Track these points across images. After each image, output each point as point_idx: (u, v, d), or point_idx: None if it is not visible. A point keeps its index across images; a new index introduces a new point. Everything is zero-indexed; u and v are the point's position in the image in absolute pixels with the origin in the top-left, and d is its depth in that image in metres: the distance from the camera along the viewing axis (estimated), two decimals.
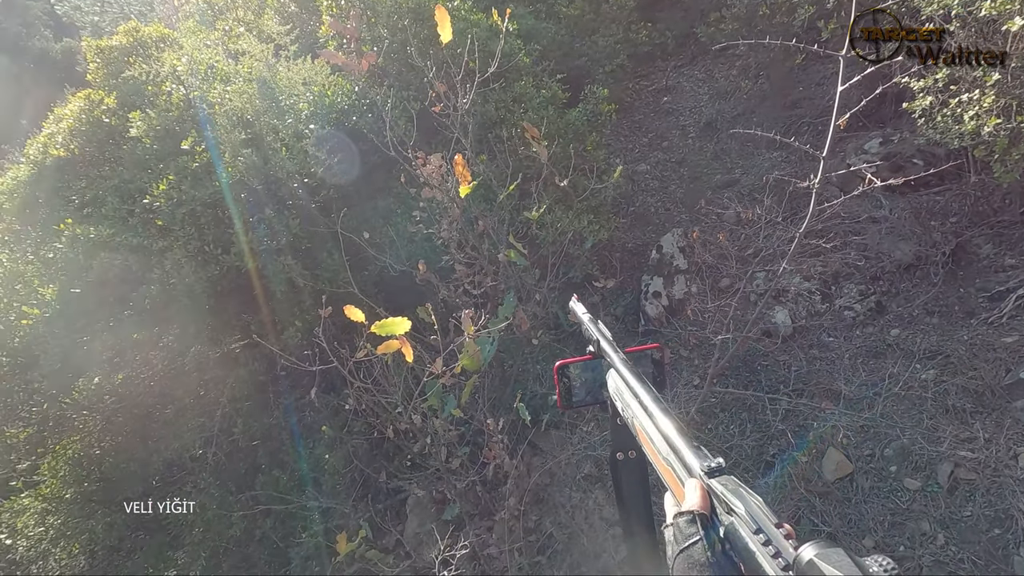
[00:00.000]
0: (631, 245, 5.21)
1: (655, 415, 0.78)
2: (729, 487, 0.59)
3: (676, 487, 0.69)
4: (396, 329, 1.86)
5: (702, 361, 4.02)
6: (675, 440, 0.71)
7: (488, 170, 3.32)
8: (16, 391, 4.06)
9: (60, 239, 3.46)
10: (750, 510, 0.54)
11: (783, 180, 2.93)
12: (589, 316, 1.18)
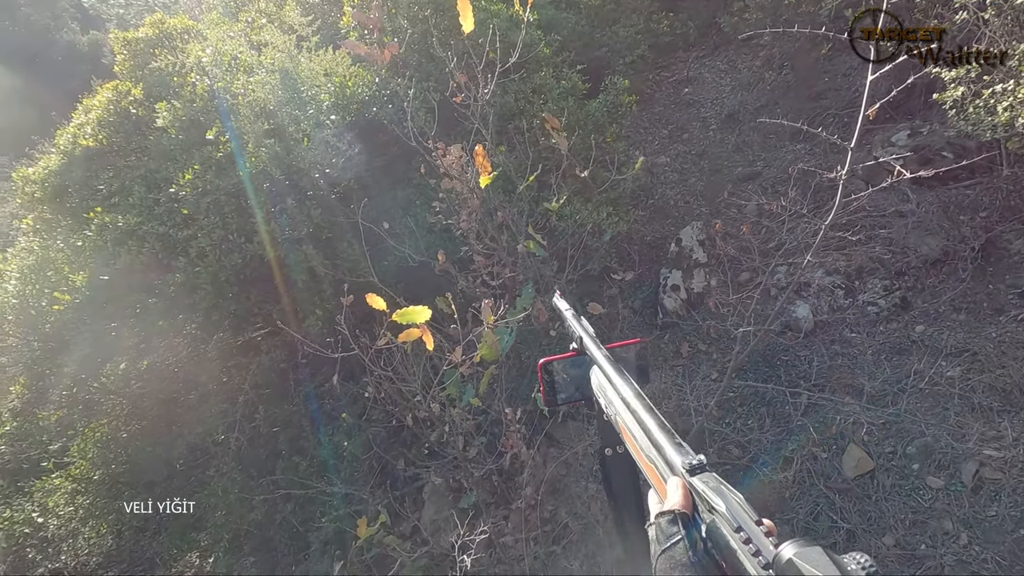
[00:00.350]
0: (649, 238, 5.18)
1: (638, 412, 0.78)
2: (710, 485, 0.58)
3: (659, 485, 0.68)
4: (416, 318, 1.88)
5: (720, 355, 3.99)
6: (657, 437, 0.70)
7: (507, 161, 3.31)
8: (47, 375, 4.19)
9: (89, 227, 3.55)
10: (731, 508, 0.54)
11: (808, 172, 2.88)
12: (572, 312, 1.16)
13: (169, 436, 4.11)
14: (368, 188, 3.85)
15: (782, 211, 2.33)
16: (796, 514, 3.05)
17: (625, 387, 0.84)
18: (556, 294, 1.25)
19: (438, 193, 3.45)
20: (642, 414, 0.76)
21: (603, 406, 0.91)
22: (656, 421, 0.73)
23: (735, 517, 0.53)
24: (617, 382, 0.86)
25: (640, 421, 0.76)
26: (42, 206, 4.33)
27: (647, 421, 0.75)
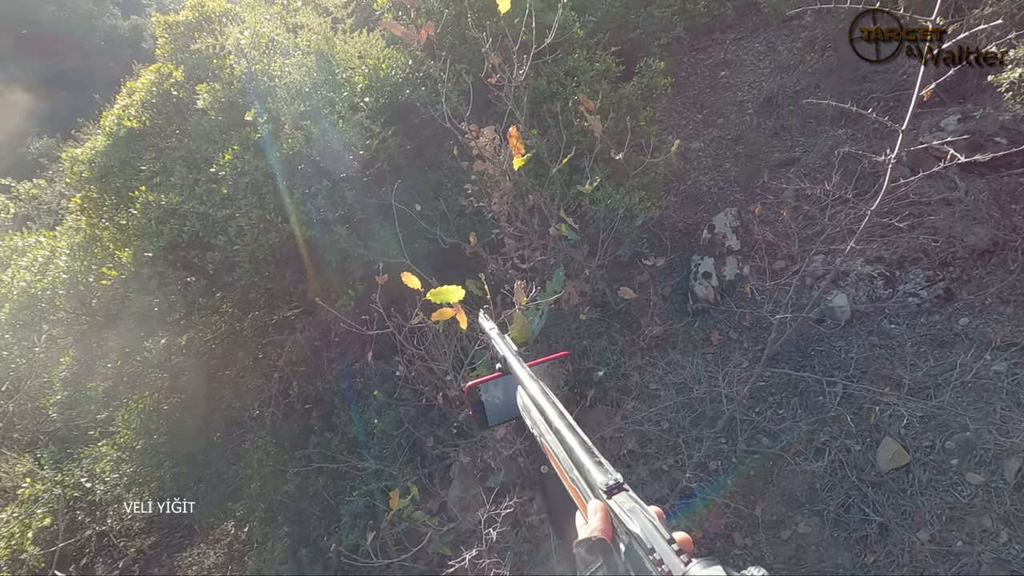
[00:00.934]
0: (681, 224, 5.10)
1: (560, 431, 0.76)
2: (626, 506, 0.58)
3: (582, 506, 0.68)
4: (450, 297, 1.89)
5: (751, 344, 3.93)
6: (579, 456, 0.69)
7: (540, 144, 3.30)
8: (94, 348, 4.38)
9: (134, 206, 3.67)
10: (644, 529, 0.54)
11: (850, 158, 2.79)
12: (496, 331, 1.14)
13: (207, 409, 4.26)
14: (400, 170, 3.88)
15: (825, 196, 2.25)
16: (826, 505, 3.01)
17: (548, 406, 0.82)
18: (481, 314, 1.24)
19: (470, 176, 3.46)
20: (564, 433, 0.75)
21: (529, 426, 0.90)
22: (578, 440, 0.73)
23: (648, 538, 0.53)
24: (540, 401, 0.85)
25: (562, 440, 0.75)
26: (89, 186, 4.48)
27: (569, 440, 0.73)
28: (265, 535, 3.93)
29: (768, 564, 2.94)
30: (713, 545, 3.02)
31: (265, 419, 4.07)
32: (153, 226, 3.49)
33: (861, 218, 2.07)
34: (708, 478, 3.18)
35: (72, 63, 18.29)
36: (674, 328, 4.16)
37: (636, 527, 0.55)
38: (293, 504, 3.93)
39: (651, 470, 3.16)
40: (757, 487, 3.22)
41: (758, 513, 3.11)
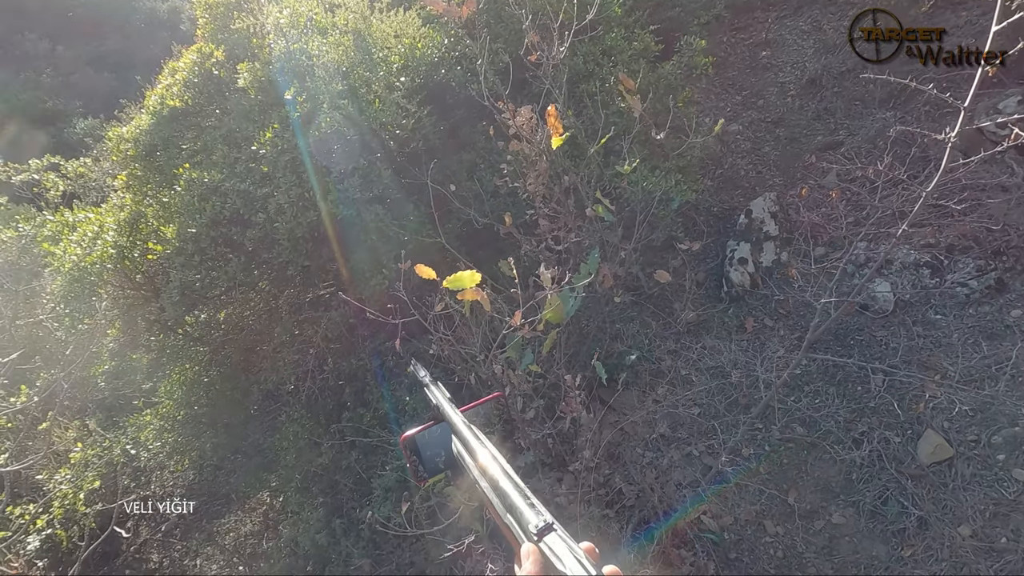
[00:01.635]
0: (717, 209, 5.00)
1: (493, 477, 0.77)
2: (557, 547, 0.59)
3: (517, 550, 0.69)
4: (466, 283, 1.90)
5: (787, 332, 3.85)
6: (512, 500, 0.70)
7: (576, 124, 3.25)
8: (139, 321, 4.54)
9: (178, 183, 3.77)
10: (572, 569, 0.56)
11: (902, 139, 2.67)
12: (429, 378, 1.15)
13: (246, 383, 4.39)
14: (435, 151, 3.88)
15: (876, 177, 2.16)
16: (863, 496, 2.96)
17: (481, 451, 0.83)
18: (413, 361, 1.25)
19: (504, 156, 3.45)
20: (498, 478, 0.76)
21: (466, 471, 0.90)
22: (511, 483, 0.73)
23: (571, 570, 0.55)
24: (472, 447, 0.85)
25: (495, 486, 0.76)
26: (134, 164, 4.61)
27: (502, 485, 0.74)
28: (300, 505, 4.05)
29: (800, 553, 2.92)
30: (744, 532, 3.00)
31: (301, 393, 4.17)
32: (196, 203, 3.58)
33: (913, 201, 1.99)
34: (740, 465, 3.15)
35: (113, 45, 18.74)
36: (707, 314, 4.10)
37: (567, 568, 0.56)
38: (327, 476, 4.04)
39: (683, 454, 3.15)
40: (790, 476, 3.18)
41: (791, 502, 3.08)
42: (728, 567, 2.91)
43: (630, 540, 2.87)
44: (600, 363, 2.67)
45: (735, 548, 2.96)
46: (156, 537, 5.42)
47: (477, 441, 0.87)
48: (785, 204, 4.59)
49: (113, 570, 5.02)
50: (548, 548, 0.60)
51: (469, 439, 0.88)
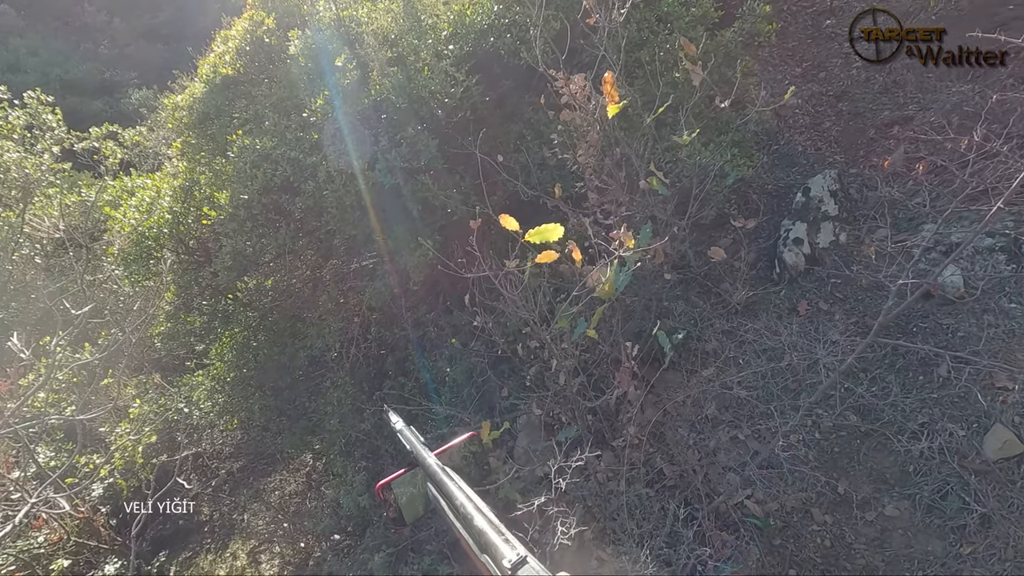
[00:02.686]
0: (772, 187, 4.78)
1: (467, 516, 0.79)
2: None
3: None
4: (550, 236, 1.86)
5: (844, 316, 3.68)
6: (487, 538, 0.73)
7: (630, 93, 3.13)
8: (192, 285, 4.69)
9: (231, 149, 3.83)
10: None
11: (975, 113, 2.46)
12: (402, 424, 1.17)
13: (292, 348, 4.51)
14: (482, 120, 3.82)
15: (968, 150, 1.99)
16: (920, 490, 2.83)
17: (455, 492, 0.85)
18: (385, 407, 1.28)
19: (552, 127, 3.36)
20: (472, 516, 0.78)
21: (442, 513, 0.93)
22: (485, 520, 0.76)
23: None
24: (448, 489, 0.88)
25: (469, 525, 0.78)
26: (188, 132, 4.73)
27: (477, 523, 0.76)
28: (343, 468, 4.17)
29: (848, 544, 2.83)
30: (790, 519, 2.93)
31: (345, 360, 4.26)
32: (248, 170, 3.64)
33: (1008, 177, 1.83)
34: (788, 450, 3.06)
35: (166, 17, 19.22)
36: (758, 295, 3.96)
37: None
38: (369, 441, 4.13)
39: (729, 437, 3.07)
40: (841, 464, 3.07)
41: (841, 491, 2.98)
42: (772, 553, 2.85)
43: (671, 520, 2.84)
44: (663, 333, 2.60)
45: (780, 535, 2.89)
46: (207, 492, 5.70)
47: (451, 483, 0.89)
48: (846, 182, 4.36)
49: (166, 520, 5.32)
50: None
51: (444, 481, 0.90)
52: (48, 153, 6.08)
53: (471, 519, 0.80)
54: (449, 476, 0.93)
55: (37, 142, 6.28)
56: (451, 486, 0.89)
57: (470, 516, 0.80)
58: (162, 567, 4.77)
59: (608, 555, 2.76)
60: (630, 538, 2.74)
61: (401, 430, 1.17)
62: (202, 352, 5.20)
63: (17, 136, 5.96)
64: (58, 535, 3.34)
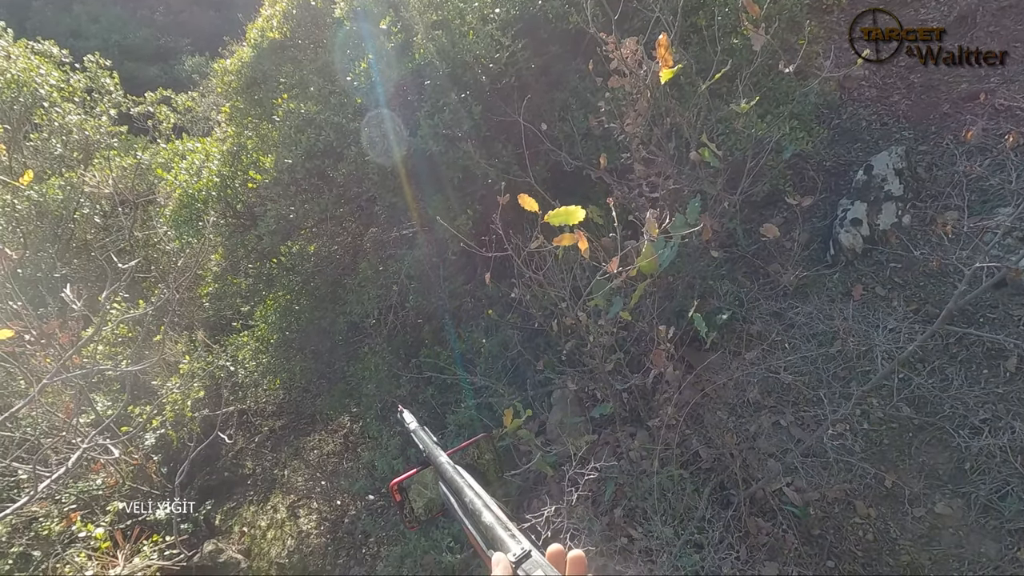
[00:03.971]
0: (830, 163, 4.51)
1: (476, 512, 0.82)
2: (533, 571, 0.67)
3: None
4: (570, 219, 1.78)
5: (903, 303, 3.47)
6: (495, 533, 0.76)
7: (684, 58, 2.96)
8: (238, 248, 4.82)
9: (276, 114, 3.86)
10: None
11: None
12: (415, 424, 1.19)
13: (332, 313, 4.60)
14: (527, 88, 3.71)
15: None
16: (976, 488, 2.68)
17: (465, 490, 0.88)
18: (399, 406, 1.31)
19: (599, 95, 3.24)
20: (480, 513, 0.81)
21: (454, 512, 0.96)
22: (493, 516, 0.79)
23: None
24: (457, 486, 0.91)
25: (477, 522, 0.81)
26: (237, 96, 4.79)
27: (485, 519, 0.79)
28: (379, 431, 4.27)
29: (893, 539, 2.71)
30: (831, 510, 2.82)
31: (383, 328, 4.32)
32: (292, 135, 3.66)
33: None
34: (835, 440, 2.93)
35: None
36: (809, 277, 3.77)
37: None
38: (405, 407, 4.20)
39: (771, 423, 2.97)
40: (890, 457, 2.93)
41: (888, 485, 2.85)
42: (809, 543, 2.76)
43: (705, 504, 2.78)
44: (700, 315, 2.50)
45: (819, 525, 2.79)
46: (250, 447, 5.97)
47: (461, 480, 0.92)
48: (913, 160, 4.06)
49: (213, 471, 5.61)
50: (524, 572, 0.68)
51: (454, 479, 0.94)
52: (106, 116, 6.32)
53: (479, 515, 0.82)
54: (460, 474, 0.96)
55: (96, 105, 6.52)
56: (461, 483, 0.92)
57: (478, 512, 0.83)
58: (208, 514, 5.03)
59: (638, 534, 2.74)
60: (661, 519, 2.70)
61: (415, 430, 1.19)
62: (247, 313, 5.36)
63: (78, 99, 6.20)
64: (114, 479, 3.57)
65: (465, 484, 0.91)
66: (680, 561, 2.53)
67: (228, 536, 4.97)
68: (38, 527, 3.43)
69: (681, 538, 2.58)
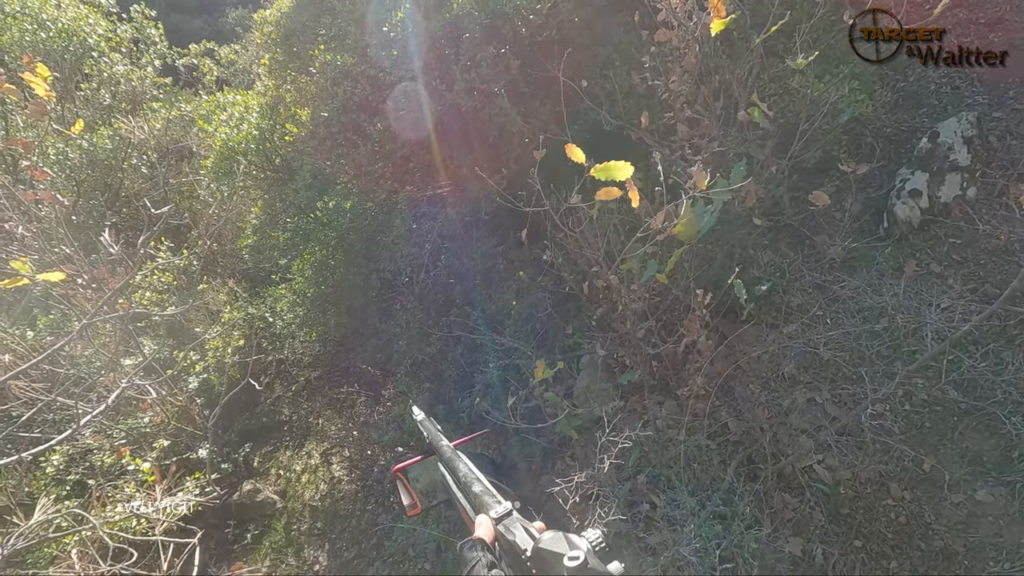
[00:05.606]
0: (890, 129, 4.21)
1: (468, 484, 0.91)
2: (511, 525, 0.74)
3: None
4: (618, 174, 1.70)
5: (960, 282, 3.27)
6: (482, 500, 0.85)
7: (740, 7, 2.76)
8: (276, 202, 4.89)
9: (313, 65, 3.83)
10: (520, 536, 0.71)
11: None
12: (423, 416, 1.33)
13: (366, 269, 4.65)
14: (568, 42, 3.55)
15: None
16: (1022, 478, 2.55)
17: (460, 466, 0.98)
18: (410, 403, 1.48)
19: (649, 48, 3.07)
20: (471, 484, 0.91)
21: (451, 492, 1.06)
22: (481, 487, 0.89)
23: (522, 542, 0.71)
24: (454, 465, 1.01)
25: (467, 492, 0.91)
26: (276, 48, 4.77)
27: (475, 489, 0.89)
28: (408, 387, 4.36)
29: (927, 524, 2.63)
30: (863, 490, 2.75)
31: (415, 286, 4.35)
32: (329, 87, 3.63)
33: None
34: (873, 420, 2.83)
35: None
36: (858, 250, 3.58)
37: (516, 538, 0.72)
38: (434, 364, 4.26)
39: (806, 399, 2.88)
40: (931, 441, 2.82)
41: (926, 468, 2.74)
42: (837, 522, 2.71)
43: (732, 476, 2.75)
44: (740, 282, 2.41)
45: (849, 504, 2.72)
46: (287, 395, 6.21)
47: (458, 460, 1.03)
48: (986, 128, 3.75)
49: (252, 417, 5.87)
50: (504, 528, 0.75)
51: (452, 458, 1.04)
52: (151, 67, 6.41)
53: (470, 485, 0.91)
54: (457, 455, 1.05)
55: (142, 56, 6.61)
56: (457, 462, 1.02)
57: (470, 483, 0.92)
58: (247, 456, 5.30)
59: (661, 501, 2.73)
60: (687, 488, 2.69)
61: (422, 420, 1.32)
62: (285, 267, 5.48)
63: (125, 49, 6.29)
64: (160, 418, 3.77)
65: (461, 462, 1.01)
66: (703, 531, 2.52)
67: (265, 477, 5.23)
68: (92, 458, 3.68)
69: (706, 508, 2.56)
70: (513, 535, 0.72)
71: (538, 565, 0.65)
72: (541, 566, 0.64)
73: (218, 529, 4.75)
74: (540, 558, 0.64)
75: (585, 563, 0.57)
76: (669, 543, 2.57)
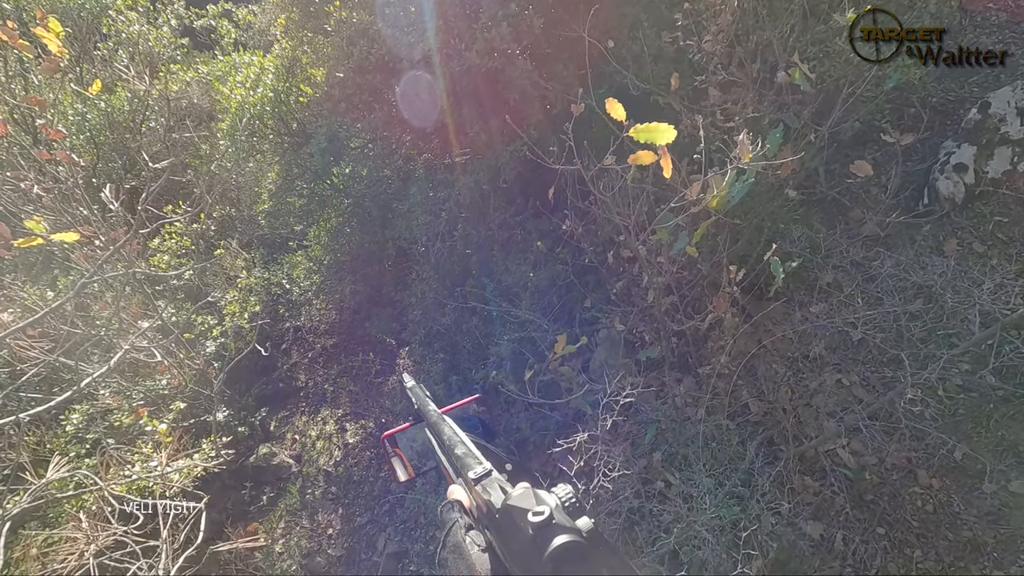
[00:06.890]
0: (936, 99, 3.95)
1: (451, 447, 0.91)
2: (489, 486, 0.75)
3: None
4: (659, 137, 1.58)
5: (1004, 262, 3.09)
6: (464, 462, 0.84)
7: None
8: (292, 166, 4.82)
9: (328, 22, 3.70)
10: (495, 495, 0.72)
11: None
12: (413, 384, 1.30)
13: (382, 237, 4.58)
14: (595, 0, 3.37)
15: None
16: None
17: (445, 430, 0.98)
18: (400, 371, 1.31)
19: (681, 6, 2.88)
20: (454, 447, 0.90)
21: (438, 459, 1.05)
22: (464, 449, 0.89)
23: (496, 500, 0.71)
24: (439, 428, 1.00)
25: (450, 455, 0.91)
26: (292, 8, 4.62)
27: (457, 452, 0.88)
28: (423, 357, 4.33)
29: (955, 513, 2.53)
30: (888, 477, 2.65)
31: (431, 255, 4.27)
32: (344, 46, 3.51)
33: None
34: (903, 406, 2.71)
35: None
36: (895, 227, 3.40)
37: (492, 498, 0.71)
38: (448, 335, 4.22)
39: (834, 381, 2.77)
40: (964, 429, 2.70)
41: (958, 456, 2.63)
42: (860, 507, 2.62)
43: (751, 457, 2.66)
44: (777, 260, 2.29)
45: (873, 491, 2.63)
46: (304, 362, 6.25)
47: (444, 423, 1.03)
48: None
49: (269, 382, 5.92)
50: (483, 488, 0.75)
51: (438, 422, 1.04)
52: (167, 26, 6.30)
53: (453, 448, 0.91)
54: (444, 419, 1.05)
55: (158, 15, 6.50)
56: (443, 425, 1.01)
57: (453, 446, 0.91)
58: (263, 420, 5.36)
59: (677, 480, 2.67)
60: (705, 467, 2.61)
61: (412, 387, 1.30)
62: (301, 233, 5.45)
63: (141, 8, 6.19)
64: (178, 381, 3.81)
65: (447, 426, 1.01)
66: (720, 511, 2.45)
67: (281, 441, 5.30)
68: (111, 418, 3.73)
69: (724, 488, 2.49)
70: (489, 495, 0.73)
71: (507, 521, 0.64)
72: (510, 522, 0.63)
73: (235, 490, 4.84)
74: (508, 515, 0.63)
75: (550, 518, 0.56)
76: (683, 519, 2.51)
